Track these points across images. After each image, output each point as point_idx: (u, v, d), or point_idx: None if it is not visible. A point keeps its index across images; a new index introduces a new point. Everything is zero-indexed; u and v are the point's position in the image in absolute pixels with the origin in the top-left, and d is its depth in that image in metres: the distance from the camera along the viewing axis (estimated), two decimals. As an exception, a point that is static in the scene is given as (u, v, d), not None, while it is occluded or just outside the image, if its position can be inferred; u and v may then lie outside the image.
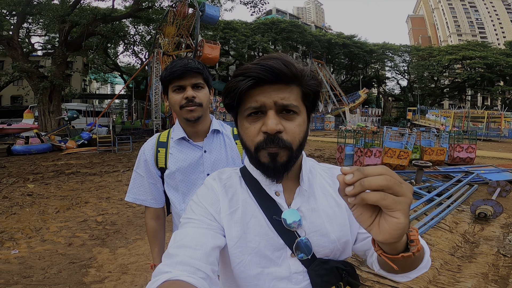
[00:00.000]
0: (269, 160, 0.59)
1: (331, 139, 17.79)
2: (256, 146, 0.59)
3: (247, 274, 0.62)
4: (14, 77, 17.85)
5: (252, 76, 0.56)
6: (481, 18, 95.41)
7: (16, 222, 4.11)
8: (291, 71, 0.57)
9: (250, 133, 0.60)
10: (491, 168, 7.95)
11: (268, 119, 0.57)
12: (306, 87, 0.60)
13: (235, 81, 0.58)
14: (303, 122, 0.61)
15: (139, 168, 1.25)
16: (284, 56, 0.58)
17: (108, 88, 58.91)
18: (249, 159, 0.65)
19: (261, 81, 0.56)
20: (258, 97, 0.58)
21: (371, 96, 46.49)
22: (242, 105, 0.61)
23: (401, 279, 0.62)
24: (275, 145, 0.57)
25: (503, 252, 3.15)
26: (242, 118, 0.62)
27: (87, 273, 2.75)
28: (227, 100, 0.61)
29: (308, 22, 73.49)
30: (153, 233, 1.27)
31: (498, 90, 37.56)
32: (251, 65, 0.57)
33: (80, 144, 13.12)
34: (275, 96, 0.57)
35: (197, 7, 18.64)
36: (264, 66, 0.56)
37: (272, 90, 0.57)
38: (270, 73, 0.56)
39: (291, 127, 0.59)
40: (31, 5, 16.11)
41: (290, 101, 0.58)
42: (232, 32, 34.76)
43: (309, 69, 0.61)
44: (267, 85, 0.57)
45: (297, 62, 0.60)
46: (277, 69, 0.55)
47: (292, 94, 0.59)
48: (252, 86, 0.57)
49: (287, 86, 0.58)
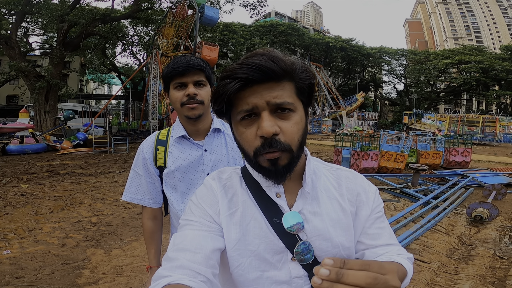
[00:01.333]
0: (269, 164, 0.56)
1: (328, 142, 17.84)
2: (255, 151, 0.56)
3: (245, 278, 0.61)
4: (11, 76, 17.73)
5: (239, 78, 0.52)
6: (477, 22, 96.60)
7: (9, 222, 4.05)
8: (280, 66, 0.53)
9: (246, 138, 0.57)
10: (486, 171, 8.01)
11: (262, 122, 0.54)
12: (299, 81, 0.56)
13: (222, 84, 0.54)
14: (301, 119, 0.58)
15: (137, 166, 1.21)
16: (271, 51, 0.54)
17: (105, 89, 58.71)
18: (248, 163, 0.62)
19: (249, 81, 0.53)
20: (249, 99, 0.54)
21: (368, 99, 46.74)
22: (234, 109, 0.57)
23: None
24: (274, 149, 0.54)
25: (500, 254, 3.15)
26: (236, 123, 0.59)
27: (81, 274, 2.71)
28: (216, 106, 0.57)
29: (306, 25, 73.96)
30: (150, 234, 1.24)
31: (493, 95, 37.98)
32: (237, 65, 0.53)
33: (75, 144, 13.02)
34: (266, 95, 0.54)
35: (196, 9, 18.66)
36: (251, 65, 0.52)
37: (263, 90, 0.54)
38: (258, 72, 0.52)
39: (288, 126, 0.55)
40: (30, 4, 16.07)
41: (283, 98, 0.54)
42: (231, 34, 34.85)
43: (299, 61, 0.57)
44: (257, 85, 0.53)
45: (286, 55, 0.56)
46: (265, 66, 0.52)
47: (285, 91, 0.55)
48: (241, 88, 0.53)
49: (278, 83, 0.54)
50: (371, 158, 7.82)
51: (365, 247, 0.65)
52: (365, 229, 0.65)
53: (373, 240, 0.65)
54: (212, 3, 20.22)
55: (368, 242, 0.65)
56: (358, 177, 0.70)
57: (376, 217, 0.66)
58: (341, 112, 33.96)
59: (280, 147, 0.54)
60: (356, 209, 0.66)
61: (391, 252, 0.64)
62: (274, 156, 0.55)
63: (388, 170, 8.07)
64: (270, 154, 0.55)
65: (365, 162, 7.77)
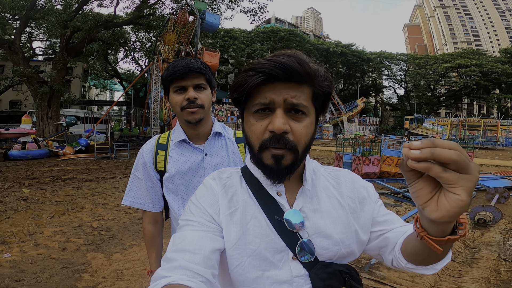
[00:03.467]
0: (273, 162, 0.56)
1: (329, 148, 17.80)
2: (261, 144, 0.57)
3: (246, 277, 0.60)
4: (14, 81, 17.88)
5: (263, 72, 0.54)
6: (475, 26, 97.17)
7: (10, 226, 4.04)
8: (305, 70, 0.55)
9: (256, 130, 0.58)
10: (489, 175, 7.96)
11: (275, 118, 0.55)
12: (318, 88, 0.58)
13: (246, 75, 0.56)
14: (311, 124, 0.59)
15: (137, 170, 1.20)
16: (298, 53, 0.56)
17: (107, 95, 59.13)
18: (251, 157, 0.62)
19: (272, 77, 0.54)
20: (268, 93, 0.56)
21: (368, 105, 46.81)
22: (250, 100, 0.58)
23: (428, 271, 0.59)
24: (280, 145, 0.55)
25: (504, 257, 3.12)
26: (249, 114, 0.60)
27: (81, 278, 2.69)
28: (235, 94, 0.59)
29: (306, 31, 74.62)
30: (151, 238, 1.23)
31: (494, 98, 37.96)
32: (264, 61, 0.55)
33: (77, 150, 13.05)
34: (285, 93, 0.55)
35: (197, 15, 18.85)
36: (277, 62, 0.53)
37: (282, 88, 0.55)
38: (283, 70, 0.53)
39: (298, 128, 0.56)
40: (34, 9, 16.26)
41: (300, 100, 0.56)
42: (232, 40, 35.16)
43: (323, 69, 0.58)
44: (278, 83, 0.55)
45: (312, 61, 0.58)
46: (290, 66, 0.53)
47: (303, 93, 0.57)
48: (262, 82, 0.55)
49: (299, 85, 0.56)
50: (373, 163, 7.80)
51: (381, 232, 0.66)
52: (375, 219, 0.67)
53: (388, 225, 0.67)
54: (213, 9, 20.44)
55: (383, 227, 0.67)
56: (355, 176, 0.72)
57: (379, 206, 0.69)
58: (342, 117, 33.97)
59: (287, 145, 0.55)
60: (360, 205, 0.67)
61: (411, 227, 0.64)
62: (279, 153, 0.55)
63: (389, 175, 8.03)
64: (276, 150, 0.56)
65: (367, 167, 7.74)
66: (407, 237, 0.60)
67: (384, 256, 0.66)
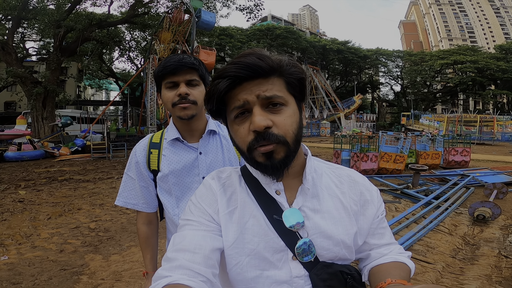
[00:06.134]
0: (264, 159, 0.56)
1: (327, 144, 17.83)
2: (248, 146, 0.56)
3: (244, 277, 0.59)
4: (8, 82, 17.67)
5: (228, 76, 0.55)
6: (470, 22, 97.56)
7: (6, 228, 3.99)
8: (267, 63, 0.55)
9: (240, 134, 0.58)
10: (487, 170, 8.01)
11: (254, 116, 0.54)
12: (289, 76, 0.58)
13: (213, 85, 0.57)
14: (294, 113, 0.58)
15: (130, 170, 1.18)
16: (258, 50, 0.57)
17: (103, 95, 58.67)
18: (245, 161, 0.62)
19: (238, 79, 0.55)
20: (239, 95, 0.56)
21: (365, 101, 46.96)
22: (228, 108, 0.59)
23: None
24: (267, 141, 0.54)
25: (505, 254, 3.12)
26: (231, 122, 0.60)
27: (79, 280, 2.65)
28: (209, 105, 0.59)
29: (303, 29, 74.53)
30: (145, 239, 1.20)
31: (489, 94, 38.29)
32: (227, 66, 0.56)
33: (73, 151, 12.95)
34: (256, 90, 0.55)
35: (193, 13, 18.75)
36: (239, 63, 0.54)
37: (252, 86, 0.56)
38: (246, 69, 0.54)
39: (281, 119, 0.56)
40: (26, 9, 16.05)
41: (273, 92, 0.55)
42: (228, 39, 35.03)
43: (286, 58, 0.59)
44: (246, 83, 0.55)
45: (274, 55, 0.58)
46: (252, 64, 0.54)
47: (274, 85, 0.56)
48: (231, 86, 0.55)
49: (267, 79, 0.56)
50: (371, 160, 7.81)
51: (370, 248, 0.67)
52: (372, 230, 0.67)
53: (378, 240, 0.67)
54: (209, 7, 20.31)
55: (374, 241, 0.67)
56: (360, 177, 0.70)
57: (381, 218, 0.69)
58: (339, 114, 34.04)
59: (273, 139, 0.54)
60: (361, 208, 0.66)
61: (393, 251, 0.67)
62: (268, 149, 0.55)
63: (388, 171, 8.05)
64: (264, 147, 0.55)
65: (365, 163, 7.75)
66: (379, 265, 0.64)
67: (359, 264, 0.70)
